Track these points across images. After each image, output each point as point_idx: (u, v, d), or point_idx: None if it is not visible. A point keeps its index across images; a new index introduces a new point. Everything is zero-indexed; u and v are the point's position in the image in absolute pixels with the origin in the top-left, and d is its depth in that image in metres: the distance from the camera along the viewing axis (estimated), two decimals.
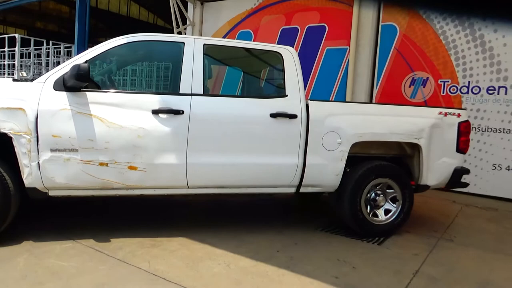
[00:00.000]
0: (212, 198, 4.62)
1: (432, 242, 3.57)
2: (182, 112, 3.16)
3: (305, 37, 7.04)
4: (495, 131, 5.46)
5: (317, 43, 6.90)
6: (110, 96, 3.13)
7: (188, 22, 8.47)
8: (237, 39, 7.59)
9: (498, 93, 5.43)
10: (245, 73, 4.91)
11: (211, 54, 3.89)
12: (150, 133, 3.08)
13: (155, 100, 3.15)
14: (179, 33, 8.31)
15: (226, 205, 4.54)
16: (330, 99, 6.69)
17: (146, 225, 3.57)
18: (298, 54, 3.72)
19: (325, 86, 6.82)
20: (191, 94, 3.23)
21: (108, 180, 3.05)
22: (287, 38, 7.10)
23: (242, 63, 4.62)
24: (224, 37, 7.87)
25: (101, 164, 3.01)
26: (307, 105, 3.47)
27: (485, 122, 5.52)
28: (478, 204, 5.12)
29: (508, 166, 5.38)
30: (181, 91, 3.23)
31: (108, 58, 3.75)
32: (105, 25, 25.21)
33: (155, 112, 3.11)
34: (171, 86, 4.48)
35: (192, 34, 8.26)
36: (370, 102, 6.35)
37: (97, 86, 3.34)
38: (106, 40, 3.29)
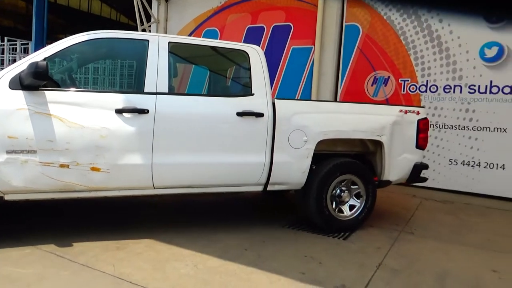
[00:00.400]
0: (179, 198, 4.57)
1: (394, 235, 3.70)
2: (147, 111, 3.10)
3: (271, 36, 7.10)
4: (451, 127, 5.74)
5: (283, 42, 6.98)
6: (71, 95, 3.02)
7: (152, 20, 8.31)
8: (203, 37, 7.53)
9: (453, 92, 5.70)
10: (211, 72, 4.88)
11: (177, 52, 3.84)
12: (114, 133, 3.00)
13: (119, 99, 3.08)
14: (143, 30, 8.15)
15: (193, 205, 4.50)
16: (296, 98, 6.79)
17: (110, 228, 3.48)
18: (265, 53, 3.74)
19: (291, 84, 6.91)
20: (156, 93, 3.17)
21: (70, 183, 2.94)
22: (253, 36, 7.13)
23: (208, 61, 4.59)
24: (189, 35, 7.79)
25: (62, 165, 2.90)
26: (273, 104, 3.50)
27: (442, 119, 5.79)
28: (436, 198, 5.37)
29: (463, 161, 5.67)
30: (146, 90, 3.17)
31: (69, 56, 3.61)
32: (65, 21, 24.26)
33: (119, 111, 3.03)
34: (135, 84, 4.38)
35: (157, 32, 8.11)
36: (335, 100, 6.49)
37: (56, 85, 3.21)
38: (65, 37, 3.17)
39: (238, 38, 7.18)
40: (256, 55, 3.60)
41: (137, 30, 7.71)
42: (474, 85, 5.55)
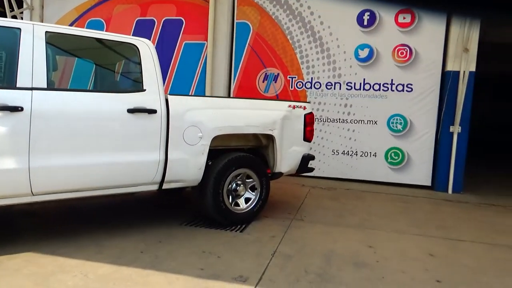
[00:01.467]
0: (65, 204, 4.18)
1: (286, 223, 3.95)
2: (21, 109, 2.76)
3: (162, 30, 6.89)
4: (333, 121, 6.33)
5: (175, 36, 6.84)
6: None
7: (25, 5, 7.38)
8: (86, 28, 6.95)
9: (334, 88, 6.29)
10: (98, 66, 4.54)
11: (56, 43, 3.48)
12: None
13: None
14: (14, 17, 7.18)
15: (82, 210, 4.16)
16: (190, 94, 6.73)
17: None
18: (156, 47, 3.62)
19: (185, 80, 6.82)
20: (32, 88, 2.84)
21: None
22: (143, 30, 6.83)
23: (93, 55, 4.25)
24: (71, 25, 7.11)
25: None
26: (166, 100, 3.42)
27: (326, 114, 6.35)
28: (322, 186, 5.88)
29: (343, 151, 6.31)
30: (18, 85, 2.82)
31: None
32: None
33: None
34: (5, 79, 3.85)
35: (31, 20, 7.22)
36: (228, 96, 6.61)
37: None
38: None
39: (126, 31, 6.81)
40: (147, 49, 3.47)
41: (5, 17, 6.76)
42: (351, 83, 6.20)
